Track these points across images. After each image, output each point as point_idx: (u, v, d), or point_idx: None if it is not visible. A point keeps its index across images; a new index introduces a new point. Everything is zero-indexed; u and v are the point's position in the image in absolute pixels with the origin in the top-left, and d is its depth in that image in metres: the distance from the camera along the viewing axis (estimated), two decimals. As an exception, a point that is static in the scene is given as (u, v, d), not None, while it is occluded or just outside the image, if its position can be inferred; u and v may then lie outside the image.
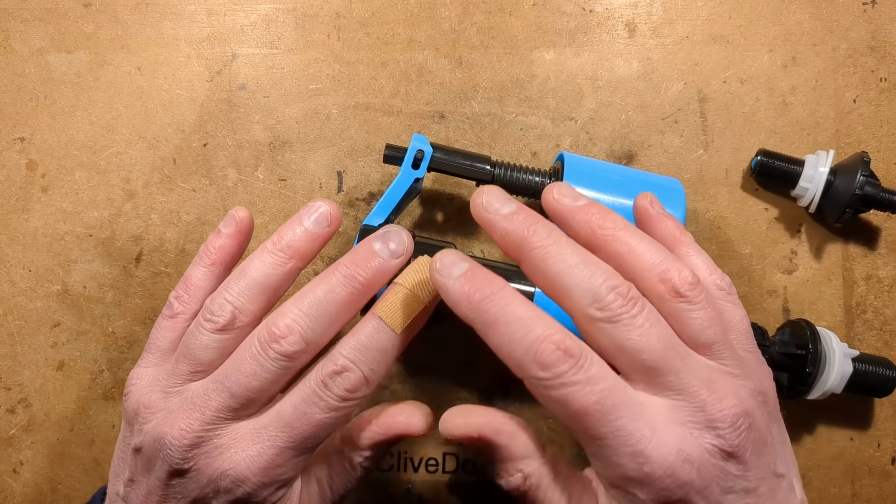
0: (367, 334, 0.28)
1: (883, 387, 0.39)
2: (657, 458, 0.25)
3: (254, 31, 0.44)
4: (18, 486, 0.42)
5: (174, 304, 0.32)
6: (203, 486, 0.28)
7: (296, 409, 0.28)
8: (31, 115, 0.43)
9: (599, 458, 0.26)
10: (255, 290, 0.29)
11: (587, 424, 0.25)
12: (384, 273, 0.29)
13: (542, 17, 0.44)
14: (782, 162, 0.41)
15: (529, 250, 0.27)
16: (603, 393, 0.25)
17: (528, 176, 0.38)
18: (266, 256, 0.30)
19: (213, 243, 0.33)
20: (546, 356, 0.25)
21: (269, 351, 0.28)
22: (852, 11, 0.44)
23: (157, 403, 0.29)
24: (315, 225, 0.30)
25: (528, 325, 0.25)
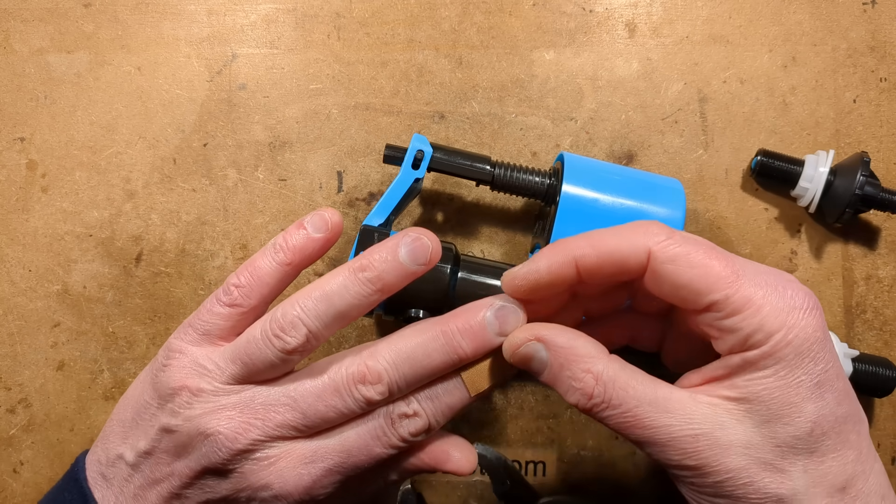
0: (444, 389, 0.29)
1: (883, 387, 0.39)
2: (787, 285, 0.25)
3: (254, 31, 0.44)
4: (18, 486, 0.42)
5: (234, 293, 0.30)
6: (239, 491, 0.28)
7: (359, 440, 0.28)
8: (31, 115, 0.43)
9: (746, 303, 0.25)
10: (333, 318, 0.28)
11: (723, 265, 0.25)
12: (486, 349, 0.28)
13: (542, 17, 0.44)
14: (782, 162, 0.41)
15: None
16: (715, 246, 0.26)
17: (528, 176, 0.38)
18: (352, 283, 0.28)
19: (292, 239, 0.30)
20: (652, 227, 0.26)
21: (355, 392, 0.28)
22: (852, 11, 0.44)
23: (207, 395, 0.28)
24: (409, 258, 0.29)
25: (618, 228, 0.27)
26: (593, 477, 0.42)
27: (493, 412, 0.42)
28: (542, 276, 0.27)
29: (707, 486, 0.25)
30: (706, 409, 0.25)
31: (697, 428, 0.25)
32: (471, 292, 0.36)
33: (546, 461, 0.42)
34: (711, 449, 0.25)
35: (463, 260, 0.37)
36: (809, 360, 0.25)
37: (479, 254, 0.43)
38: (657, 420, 0.25)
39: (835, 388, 0.25)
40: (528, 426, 0.42)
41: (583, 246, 0.27)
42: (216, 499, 0.28)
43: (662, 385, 0.26)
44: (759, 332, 0.25)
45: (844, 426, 0.25)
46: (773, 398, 0.25)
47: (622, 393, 0.26)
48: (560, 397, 0.42)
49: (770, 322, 0.25)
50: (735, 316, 0.25)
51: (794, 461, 0.25)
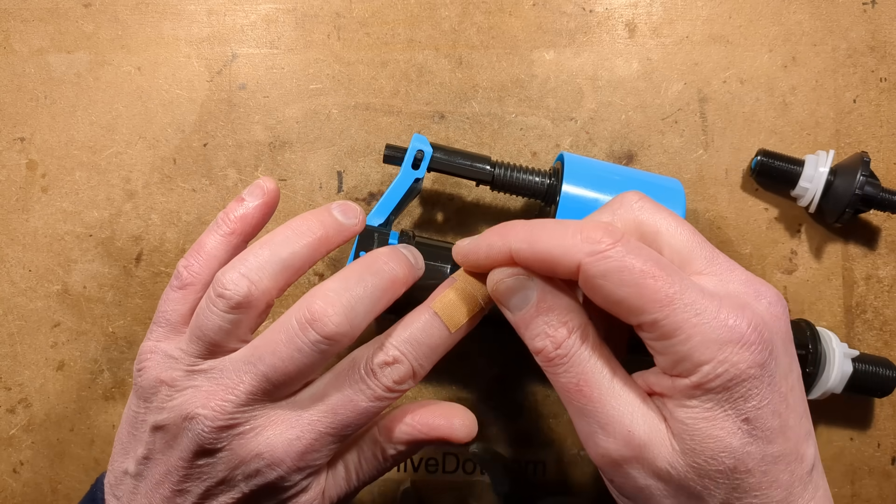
0: (421, 329, 0.28)
1: (883, 387, 0.39)
2: (734, 314, 0.24)
3: (254, 31, 0.44)
4: (18, 486, 0.42)
5: (183, 274, 0.30)
6: (233, 468, 0.27)
7: (342, 395, 0.27)
8: (31, 115, 0.43)
9: (676, 330, 0.24)
10: (276, 266, 0.28)
11: (656, 287, 0.23)
12: (414, 277, 0.30)
13: (542, 17, 0.44)
14: (782, 162, 0.41)
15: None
16: (658, 258, 0.24)
17: (528, 176, 0.38)
18: (291, 234, 0.28)
19: (233, 211, 0.31)
20: (593, 231, 0.24)
21: (309, 332, 0.26)
22: (852, 11, 0.44)
23: (180, 381, 0.28)
24: (345, 217, 0.30)
25: (564, 223, 0.25)
26: (593, 477, 0.42)
27: (493, 412, 0.42)
28: (479, 258, 0.28)
29: (626, 491, 0.26)
30: (652, 415, 0.25)
31: (637, 427, 0.25)
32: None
33: (546, 461, 0.42)
34: (637, 458, 0.25)
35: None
36: (739, 396, 0.23)
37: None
38: (602, 399, 0.25)
39: (767, 426, 0.24)
40: (528, 426, 0.42)
41: (521, 239, 0.26)
42: (215, 483, 0.27)
43: (621, 369, 0.26)
44: (686, 362, 0.24)
45: (774, 466, 0.24)
46: (697, 429, 0.24)
47: (585, 359, 0.26)
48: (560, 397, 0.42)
49: (698, 353, 0.24)
50: (664, 340, 0.24)
51: (714, 493, 0.24)
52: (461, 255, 0.29)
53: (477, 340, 0.42)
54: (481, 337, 0.42)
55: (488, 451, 0.40)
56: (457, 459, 0.42)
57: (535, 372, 0.42)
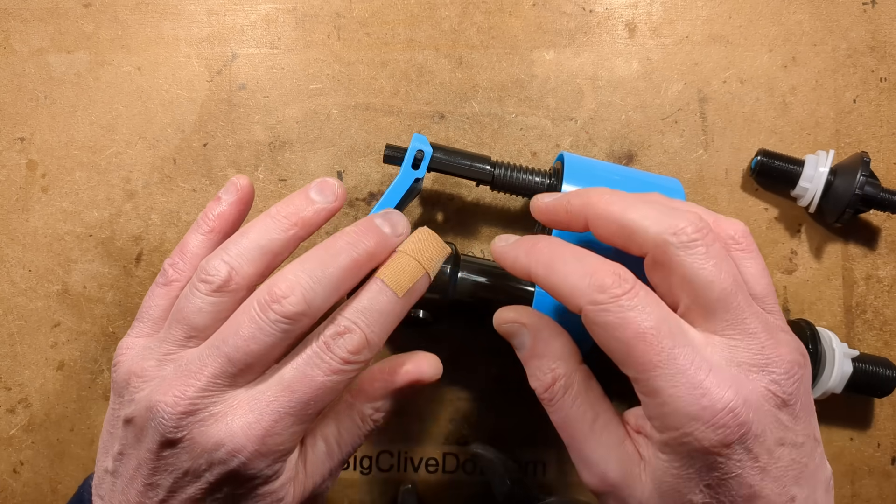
0: (369, 297, 0.28)
1: (883, 387, 0.39)
2: (716, 391, 0.24)
3: (254, 31, 0.44)
4: (18, 486, 0.42)
5: (168, 271, 0.31)
6: (196, 457, 0.27)
7: (297, 372, 0.27)
8: (31, 115, 0.43)
9: (654, 392, 0.25)
10: (255, 252, 0.29)
11: (643, 350, 0.25)
12: (387, 247, 0.30)
13: (542, 17, 0.44)
14: (782, 162, 0.41)
15: (594, 204, 0.28)
16: (660, 318, 0.25)
17: (528, 176, 0.38)
18: (269, 221, 0.29)
19: (211, 210, 0.32)
20: (602, 279, 0.26)
21: (269, 312, 0.27)
22: (852, 11, 0.44)
23: (150, 372, 0.28)
24: (322, 196, 0.30)
25: (584, 258, 0.27)
26: (593, 477, 0.42)
27: (493, 412, 0.42)
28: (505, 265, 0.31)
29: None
30: (628, 457, 0.27)
31: (611, 470, 0.27)
32: (471, 292, 0.36)
33: (546, 461, 0.42)
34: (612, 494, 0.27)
35: (463, 260, 0.37)
36: (703, 465, 0.25)
37: (479, 254, 0.43)
38: (584, 441, 0.28)
39: (733, 493, 0.24)
40: (528, 426, 0.42)
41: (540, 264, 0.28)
42: (181, 475, 0.27)
43: (608, 413, 0.28)
44: (659, 420, 0.25)
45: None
46: (665, 480, 0.25)
47: (569, 403, 0.28)
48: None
49: (669, 420, 0.25)
50: (643, 396, 0.26)
51: None
52: (493, 254, 0.32)
53: (477, 340, 0.42)
54: (481, 337, 0.42)
55: (488, 451, 0.40)
56: (457, 459, 0.42)
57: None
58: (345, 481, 0.42)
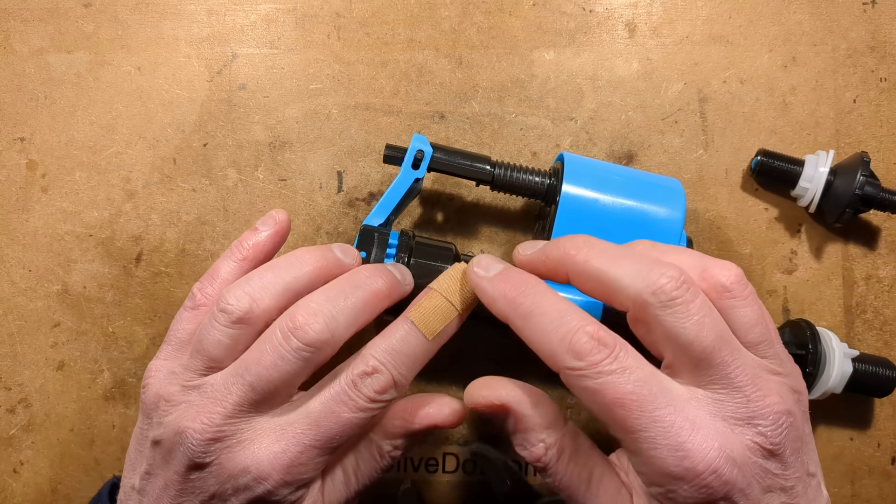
0: (398, 338, 0.28)
1: (883, 387, 0.39)
2: (698, 452, 0.24)
3: (254, 31, 0.44)
4: (18, 486, 0.42)
5: (197, 296, 0.32)
6: (223, 482, 0.27)
7: (324, 407, 0.27)
8: (31, 115, 0.43)
9: (638, 453, 0.25)
10: (279, 287, 0.29)
11: (623, 416, 0.25)
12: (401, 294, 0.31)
13: (542, 17, 0.44)
14: (782, 162, 0.41)
15: (572, 259, 0.28)
16: (639, 382, 0.25)
17: (528, 176, 0.38)
18: (297, 262, 0.30)
19: (247, 239, 0.33)
20: (581, 345, 0.25)
21: (291, 340, 0.27)
22: (852, 11, 0.44)
23: (176, 396, 0.29)
24: (346, 257, 0.32)
25: (563, 317, 0.26)
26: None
27: (493, 412, 0.42)
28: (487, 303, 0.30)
29: None
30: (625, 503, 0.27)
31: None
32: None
33: (546, 461, 0.42)
34: None
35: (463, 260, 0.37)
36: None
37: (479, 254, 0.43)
38: (583, 499, 0.28)
39: None
40: (528, 426, 0.42)
41: (520, 315, 0.28)
42: (207, 498, 0.28)
43: (601, 466, 0.28)
44: (644, 476, 0.26)
45: None
46: None
47: (563, 467, 0.28)
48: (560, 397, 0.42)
49: (654, 478, 0.25)
50: (629, 453, 0.26)
51: None
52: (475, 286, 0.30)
53: (477, 340, 0.42)
54: (481, 337, 0.42)
55: (488, 451, 0.40)
56: (457, 459, 0.42)
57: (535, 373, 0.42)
58: (345, 481, 0.42)
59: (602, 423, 0.26)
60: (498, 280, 0.28)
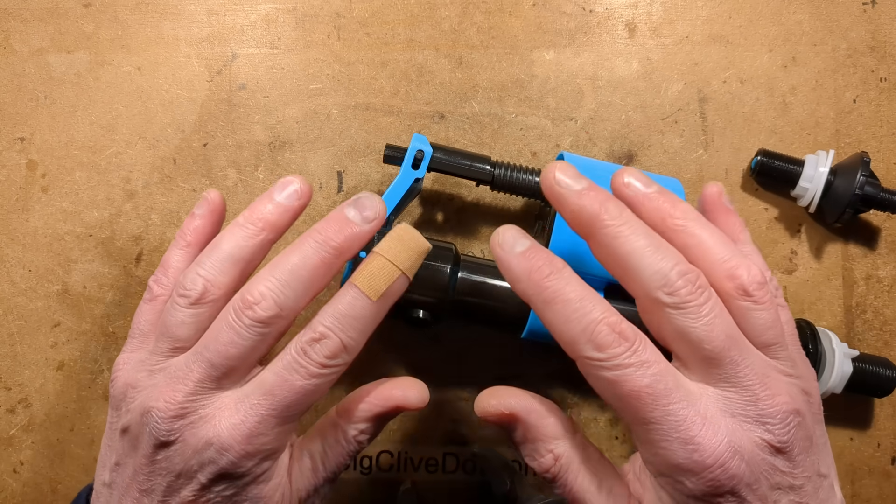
0: (344, 303, 0.29)
1: (883, 387, 0.39)
2: (708, 446, 0.25)
3: (254, 31, 0.44)
4: (18, 486, 0.42)
5: (154, 288, 0.33)
6: (188, 459, 0.28)
7: (277, 377, 0.28)
8: (31, 115, 0.43)
9: (648, 443, 0.26)
10: (227, 262, 0.30)
11: (638, 407, 0.25)
12: (357, 238, 0.30)
13: (542, 17, 0.44)
14: (782, 162, 0.41)
15: (601, 227, 0.27)
16: (655, 377, 0.25)
17: (528, 176, 0.38)
18: (237, 230, 0.30)
19: (187, 226, 0.34)
20: (602, 337, 0.26)
21: (243, 318, 0.28)
22: (852, 11, 0.44)
23: (142, 382, 0.29)
24: (286, 199, 0.31)
25: (586, 306, 0.26)
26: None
27: (493, 412, 0.42)
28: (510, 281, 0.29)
29: None
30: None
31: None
32: (471, 292, 0.36)
33: (546, 461, 0.42)
34: None
35: (463, 260, 0.37)
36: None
37: (479, 254, 0.43)
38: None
39: None
40: (528, 426, 0.42)
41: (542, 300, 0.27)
42: (174, 477, 0.28)
43: (610, 477, 0.29)
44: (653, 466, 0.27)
45: None
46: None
47: (572, 477, 0.29)
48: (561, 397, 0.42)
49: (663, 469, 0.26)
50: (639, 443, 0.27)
51: None
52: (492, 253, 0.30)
53: (477, 340, 0.42)
54: (481, 337, 0.42)
55: (488, 451, 0.40)
56: (457, 459, 0.42)
57: (535, 372, 0.42)
58: (345, 481, 0.42)
59: (614, 409, 0.27)
60: (523, 259, 0.28)
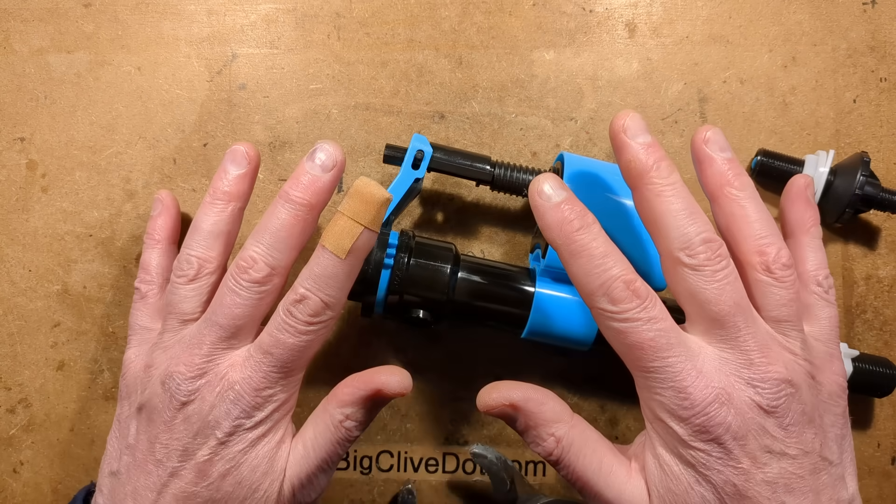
0: (317, 264, 0.31)
1: (883, 387, 0.39)
2: (697, 396, 0.27)
3: (254, 31, 0.44)
4: (18, 486, 0.42)
5: (141, 288, 0.37)
6: (205, 415, 0.30)
7: (271, 337, 0.31)
8: (31, 115, 0.43)
9: (646, 389, 0.29)
10: (210, 238, 0.33)
11: (640, 356, 0.28)
12: (322, 189, 0.32)
13: (542, 17, 0.44)
14: (782, 162, 0.41)
15: (647, 182, 0.29)
16: (659, 332, 0.28)
17: (528, 176, 0.38)
18: (208, 208, 0.33)
19: (151, 227, 0.39)
20: (617, 293, 0.28)
21: (241, 281, 0.31)
22: (852, 11, 0.44)
23: (159, 358, 0.32)
24: (237, 167, 0.34)
25: (607, 262, 0.29)
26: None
27: (493, 412, 0.42)
28: None
29: None
30: (636, 489, 0.30)
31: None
32: (471, 292, 0.36)
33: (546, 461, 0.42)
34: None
35: (463, 260, 0.37)
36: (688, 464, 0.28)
37: (479, 254, 0.43)
38: (596, 486, 0.30)
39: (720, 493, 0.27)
40: (528, 426, 0.42)
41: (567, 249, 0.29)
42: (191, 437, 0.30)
43: (609, 455, 0.31)
44: (649, 410, 0.29)
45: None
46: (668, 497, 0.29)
47: (574, 458, 0.30)
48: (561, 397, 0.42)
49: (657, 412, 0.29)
50: (638, 388, 0.30)
51: None
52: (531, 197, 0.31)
53: (477, 340, 0.42)
54: (481, 337, 0.42)
55: (488, 451, 0.40)
56: (457, 459, 0.42)
57: (535, 372, 0.42)
58: (345, 481, 0.42)
59: (619, 354, 0.29)
60: (557, 210, 0.30)
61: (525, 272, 0.38)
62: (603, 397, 0.42)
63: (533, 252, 0.41)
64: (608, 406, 0.42)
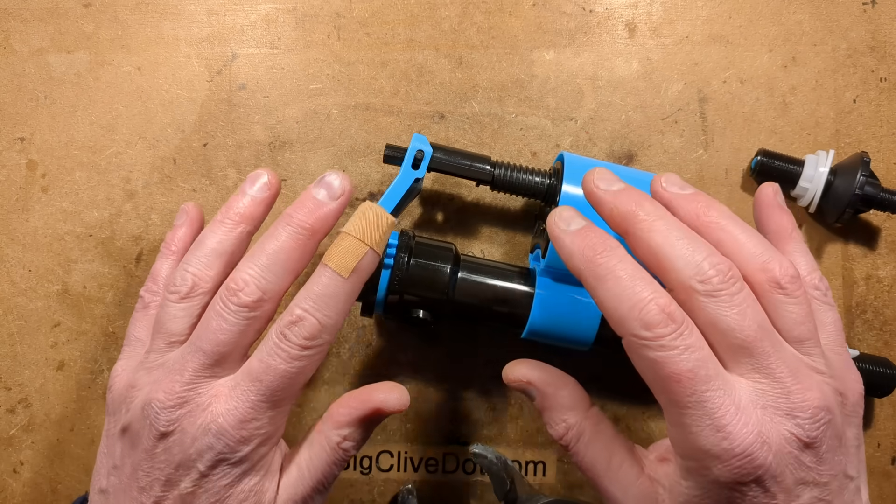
0: (318, 283, 0.30)
1: (883, 387, 0.39)
2: (737, 435, 0.25)
3: (254, 31, 0.44)
4: (18, 486, 0.42)
5: (145, 297, 0.35)
6: (187, 448, 0.28)
7: (261, 363, 0.29)
8: (31, 115, 0.43)
9: (680, 426, 0.26)
10: (211, 256, 0.32)
11: (676, 390, 0.26)
12: (327, 217, 0.31)
13: (542, 17, 0.44)
14: (782, 162, 0.41)
15: (636, 222, 0.28)
16: (698, 362, 0.26)
17: (527, 176, 0.38)
18: (217, 226, 0.32)
19: (170, 237, 0.37)
20: (650, 317, 0.26)
21: (229, 304, 0.29)
22: (852, 11, 0.44)
23: (142, 380, 0.30)
24: (258, 192, 0.33)
25: (637, 285, 0.27)
26: (593, 477, 0.42)
27: (493, 412, 0.42)
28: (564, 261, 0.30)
29: None
30: (645, 493, 0.29)
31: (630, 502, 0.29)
32: (471, 292, 0.36)
33: (546, 461, 0.42)
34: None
35: (463, 260, 0.37)
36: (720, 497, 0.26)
37: (479, 254, 0.43)
38: (603, 480, 0.30)
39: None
40: (528, 426, 0.42)
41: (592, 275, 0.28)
42: (173, 469, 0.29)
43: (622, 453, 0.30)
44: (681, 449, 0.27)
45: None
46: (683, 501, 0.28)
47: (584, 448, 0.31)
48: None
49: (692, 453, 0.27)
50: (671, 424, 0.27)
51: None
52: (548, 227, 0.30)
53: (477, 340, 0.42)
54: (481, 337, 0.42)
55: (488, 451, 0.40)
56: (457, 459, 0.42)
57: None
58: (345, 481, 0.42)
59: (651, 388, 0.27)
60: (578, 237, 0.29)
61: (525, 272, 0.38)
62: (603, 397, 0.42)
63: (533, 252, 0.41)
64: (608, 406, 0.42)
